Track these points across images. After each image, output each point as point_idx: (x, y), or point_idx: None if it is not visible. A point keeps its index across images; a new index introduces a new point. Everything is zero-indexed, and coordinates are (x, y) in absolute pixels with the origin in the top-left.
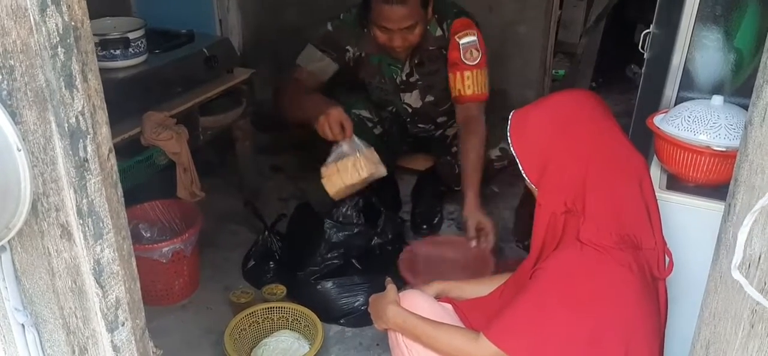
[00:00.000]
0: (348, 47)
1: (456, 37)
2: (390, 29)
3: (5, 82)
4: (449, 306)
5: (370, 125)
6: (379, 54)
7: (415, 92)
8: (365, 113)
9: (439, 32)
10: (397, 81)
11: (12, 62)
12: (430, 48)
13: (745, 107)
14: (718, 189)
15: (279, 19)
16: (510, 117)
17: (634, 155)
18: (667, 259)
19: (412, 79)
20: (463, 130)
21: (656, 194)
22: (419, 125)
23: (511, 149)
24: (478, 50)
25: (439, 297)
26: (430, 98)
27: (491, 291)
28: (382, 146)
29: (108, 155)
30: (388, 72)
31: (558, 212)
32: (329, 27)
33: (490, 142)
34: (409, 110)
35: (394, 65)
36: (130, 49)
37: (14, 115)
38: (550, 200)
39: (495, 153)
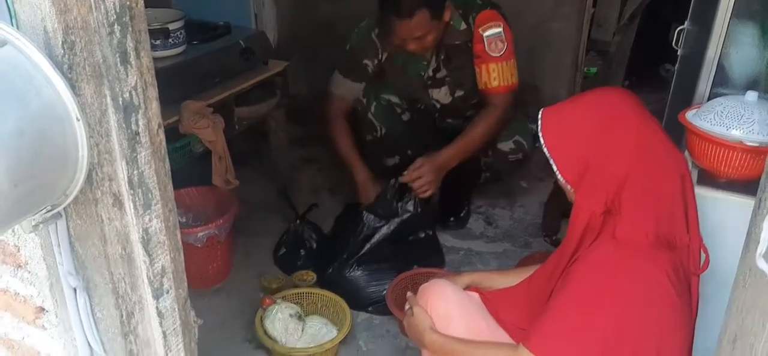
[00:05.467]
0: (366, 61)
1: (480, 29)
2: (401, 38)
3: (66, 56)
4: (476, 296)
5: (398, 110)
6: (403, 54)
7: (444, 88)
8: (394, 99)
9: (463, 26)
10: (424, 77)
11: (73, 38)
12: (456, 43)
13: None
14: (750, 185)
15: (313, 12)
16: (540, 116)
17: (674, 153)
18: (703, 256)
19: (439, 75)
20: (484, 108)
21: None
22: (447, 120)
23: (545, 149)
24: (503, 41)
25: (468, 288)
26: (459, 93)
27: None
28: (409, 133)
29: (157, 130)
30: (414, 70)
31: (598, 212)
32: (348, 47)
33: (504, 134)
34: (438, 106)
35: (419, 62)
36: (170, 40)
37: (74, 87)
38: (590, 200)
39: (509, 146)
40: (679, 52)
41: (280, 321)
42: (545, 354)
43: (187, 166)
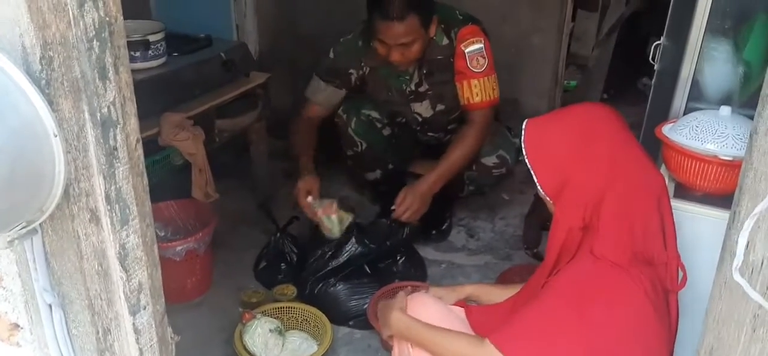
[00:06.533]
0: (351, 71)
1: (462, 45)
2: (387, 44)
3: (44, 72)
4: (461, 312)
5: (379, 125)
6: (386, 67)
7: (426, 102)
8: (375, 114)
9: (445, 41)
10: (407, 91)
11: (51, 54)
12: (438, 58)
13: (753, 118)
14: (725, 198)
15: (295, 25)
16: (523, 127)
17: (652, 171)
18: (681, 273)
19: (421, 89)
20: (464, 125)
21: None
22: (429, 133)
23: (526, 160)
24: (484, 57)
25: (461, 301)
26: (441, 107)
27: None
28: (390, 147)
29: (136, 145)
30: (397, 83)
31: (576, 227)
32: (331, 55)
33: (487, 149)
34: (420, 119)
35: (402, 76)
36: (150, 52)
37: (51, 103)
38: (568, 215)
39: (492, 160)
40: (655, 67)
41: (260, 336)
42: (508, 349)
43: (166, 179)
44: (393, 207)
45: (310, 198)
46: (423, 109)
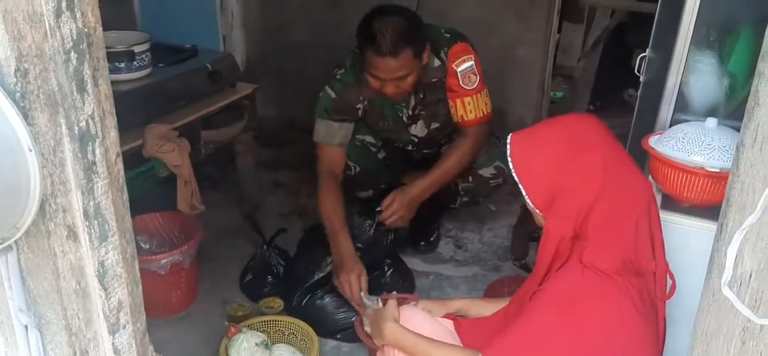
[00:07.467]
0: (359, 106)
1: (453, 64)
2: (381, 78)
3: (19, 84)
4: (450, 323)
5: (373, 149)
6: (380, 98)
7: (420, 122)
8: (369, 139)
9: (437, 63)
10: (403, 118)
11: (26, 66)
12: (433, 81)
13: (739, 130)
14: (711, 210)
15: (282, 36)
16: (508, 141)
17: (641, 179)
18: (670, 282)
19: (416, 112)
20: (459, 136)
21: None
22: (424, 151)
23: (514, 174)
24: (476, 74)
25: (448, 315)
26: (435, 125)
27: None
28: (383, 169)
29: (115, 159)
30: (392, 112)
31: (567, 237)
32: (333, 94)
33: (484, 160)
34: (416, 140)
35: (397, 105)
36: (135, 63)
37: (27, 117)
38: (559, 226)
39: (490, 171)
40: (641, 79)
41: (246, 350)
42: None
43: (151, 191)
44: (379, 208)
45: (363, 294)
46: (418, 129)
